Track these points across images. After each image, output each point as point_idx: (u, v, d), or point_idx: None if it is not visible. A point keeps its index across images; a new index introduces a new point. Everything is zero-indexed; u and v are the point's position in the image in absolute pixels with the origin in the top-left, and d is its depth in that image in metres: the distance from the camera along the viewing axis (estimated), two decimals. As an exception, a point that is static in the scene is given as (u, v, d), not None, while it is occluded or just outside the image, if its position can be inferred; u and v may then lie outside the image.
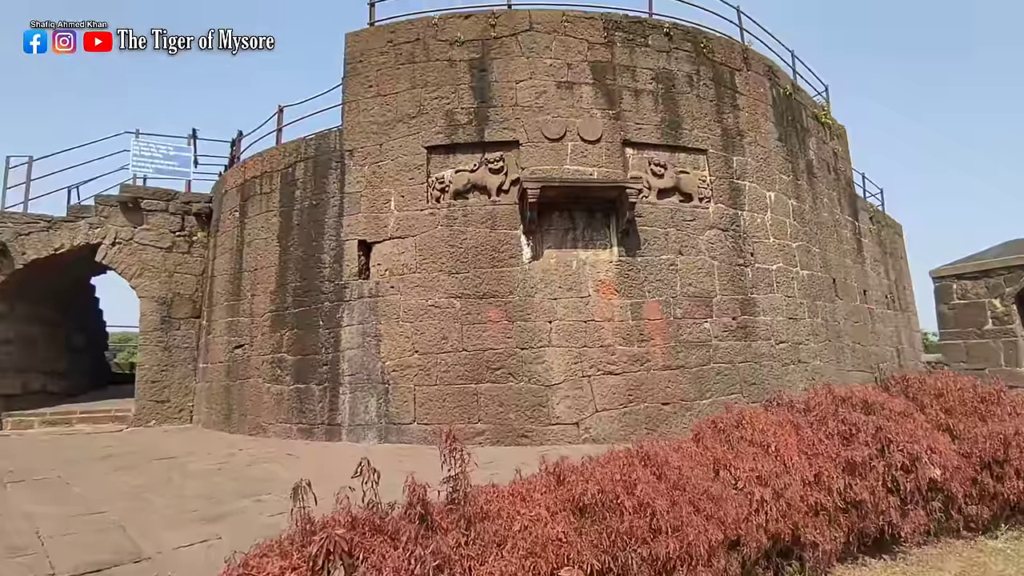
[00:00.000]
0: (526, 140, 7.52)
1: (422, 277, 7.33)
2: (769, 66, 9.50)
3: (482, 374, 7.01)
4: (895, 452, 5.51)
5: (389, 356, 7.23)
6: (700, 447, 4.74)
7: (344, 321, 7.55)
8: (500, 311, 7.13)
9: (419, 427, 6.98)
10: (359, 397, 7.27)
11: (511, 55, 7.79)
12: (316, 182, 8.18)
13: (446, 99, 7.73)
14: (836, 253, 10.16)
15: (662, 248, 7.56)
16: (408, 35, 8.06)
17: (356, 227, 7.71)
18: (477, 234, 7.34)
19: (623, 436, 6.86)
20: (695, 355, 7.38)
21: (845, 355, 9.43)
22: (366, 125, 7.96)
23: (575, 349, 7.07)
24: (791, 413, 5.94)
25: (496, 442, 6.84)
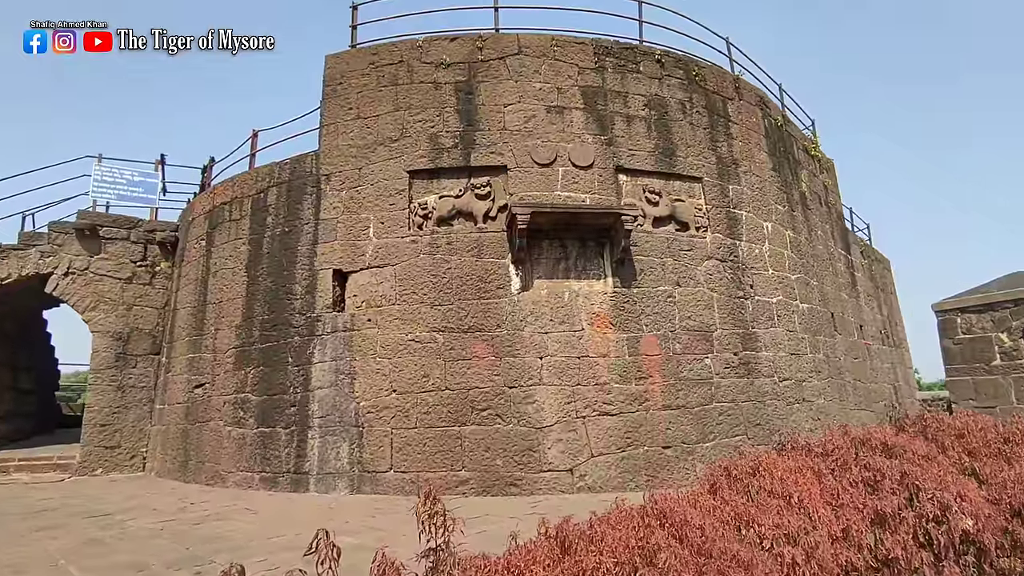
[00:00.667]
0: (515, 165, 7.12)
1: (402, 309, 6.75)
2: (760, 96, 9.35)
3: (467, 415, 6.38)
4: (925, 501, 5.00)
5: (364, 396, 6.57)
6: (718, 500, 4.16)
7: (315, 357, 6.90)
8: (487, 346, 6.57)
9: (396, 475, 6.28)
10: (330, 442, 6.57)
11: (499, 78, 7.47)
12: (289, 208, 7.64)
13: (430, 122, 7.34)
14: (832, 287, 9.85)
15: (659, 279, 7.12)
16: (391, 57, 7.72)
17: (331, 255, 7.15)
18: (462, 263, 6.83)
19: (621, 483, 6.26)
20: (696, 394, 6.85)
21: (848, 393, 8.99)
22: (345, 148, 7.50)
23: (568, 387, 6.50)
24: (809, 458, 5.40)
25: (482, 492, 6.17)
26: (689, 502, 3.90)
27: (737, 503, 4.12)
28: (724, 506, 4.03)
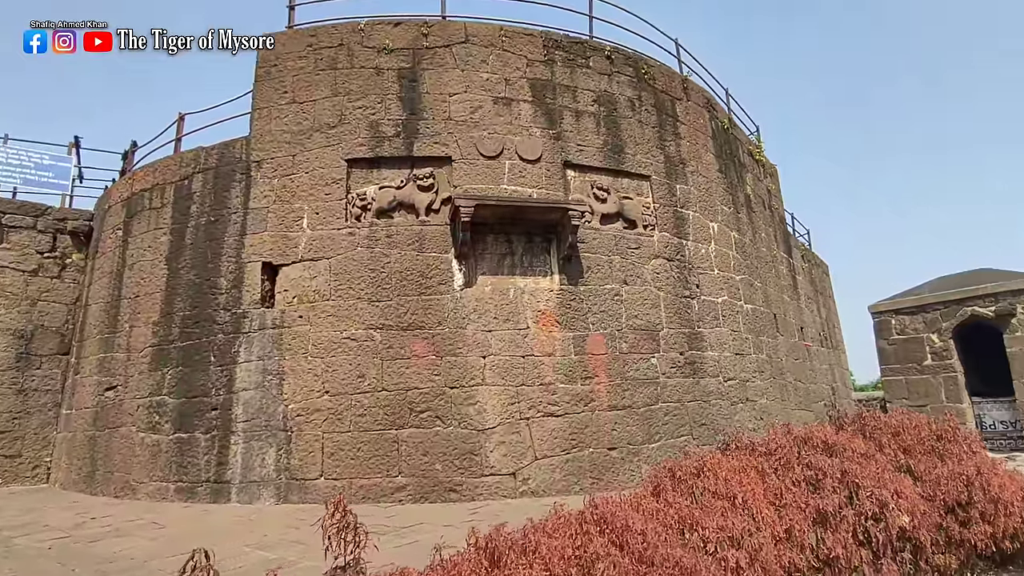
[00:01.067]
0: (459, 156, 6.84)
1: (337, 305, 6.34)
2: (708, 99, 9.41)
3: (405, 418, 6.03)
4: (864, 499, 4.99)
5: (294, 398, 6.12)
6: (661, 502, 3.98)
7: (241, 357, 6.39)
8: (427, 345, 6.24)
9: (327, 483, 5.86)
10: (254, 448, 6.07)
11: (444, 66, 7.17)
12: (216, 196, 7.09)
13: (371, 109, 6.96)
14: (775, 288, 10.01)
15: (606, 277, 6.97)
16: (331, 40, 7.30)
17: (261, 247, 6.66)
18: (402, 257, 6.48)
19: (566, 487, 6.04)
20: (642, 394, 6.73)
21: (789, 392, 9.12)
22: (278, 134, 7.03)
23: (512, 388, 6.25)
24: (753, 457, 5.33)
25: (420, 498, 5.83)
26: (631, 505, 3.70)
27: (681, 505, 3.96)
28: (668, 509, 3.86)
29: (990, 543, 5.34)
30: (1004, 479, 5.49)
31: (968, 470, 5.69)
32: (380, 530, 4.63)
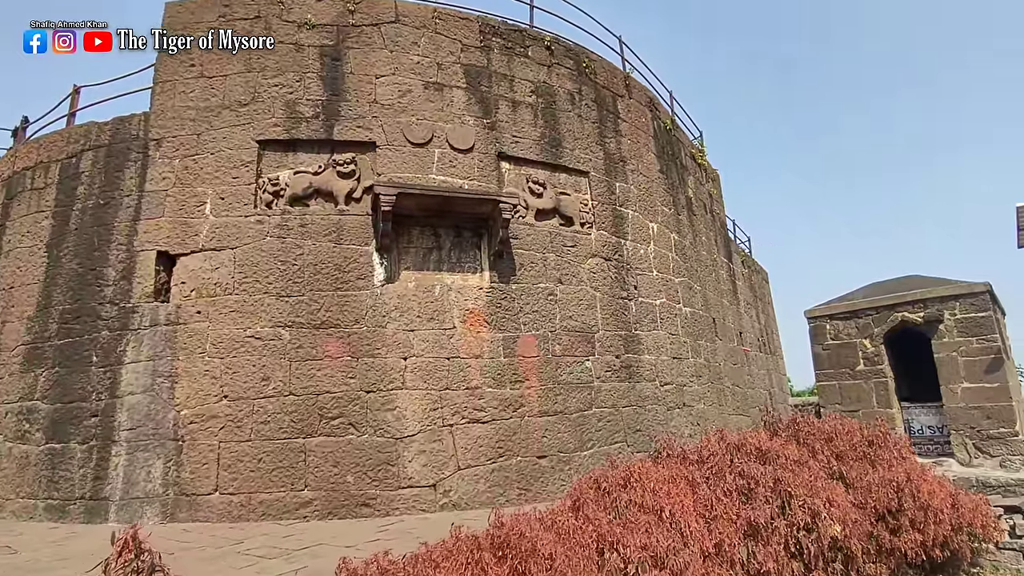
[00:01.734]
0: (384, 142, 6.34)
1: (241, 300, 5.71)
2: (651, 98, 9.25)
3: (314, 425, 5.46)
4: (797, 509, 4.76)
5: (187, 403, 5.45)
6: (580, 518, 3.59)
7: (128, 356, 5.67)
8: (342, 344, 5.69)
9: (222, 499, 5.22)
10: (139, 459, 5.36)
11: (372, 46, 6.67)
12: (107, 176, 6.33)
13: (289, 88, 6.38)
14: (715, 293, 9.92)
15: (540, 275, 6.61)
16: (247, 11, 6.68)
17: (156, 234, 5.95)
18: (318, 249, 5.92)
19: (491, 499, 5.60)
20: (575, 399, 6.38)
21: (726, 398, 9.00)
22: (182, 110, 6.34)
23: (435, 392, 5.78)
24: (684, 466, 5.03)
25: (328, 514, 5.27)
26: (545, 524, 3.30)
27: (602, 521, 3.59)
28: (587, 526, 3.48)
29: (920, 551, 5.23)
30: (933, 485, 5.40)
31: (898, 476, 5.58)
32: (269, 554, 4.07)
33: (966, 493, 5.92)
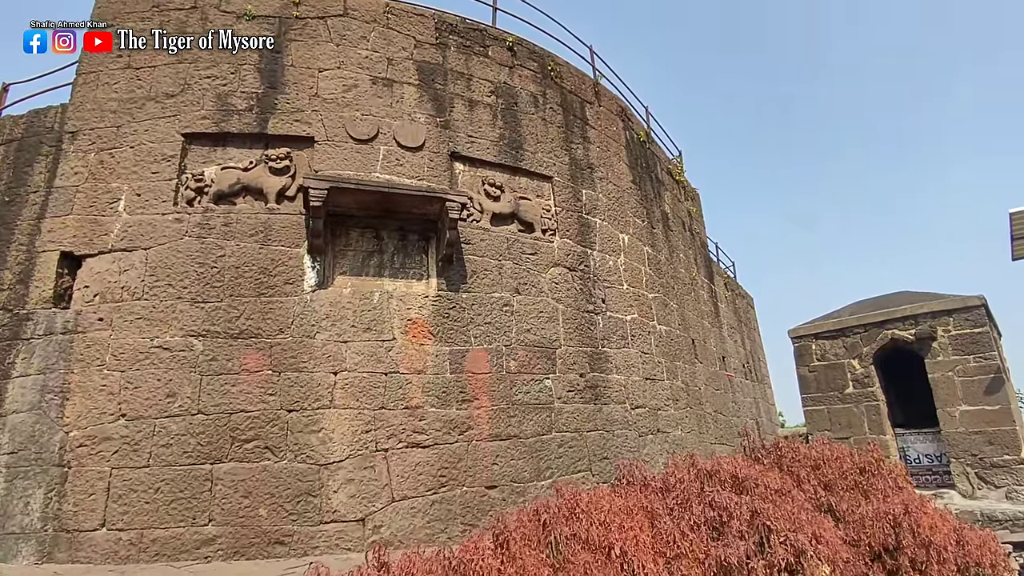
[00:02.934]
0: (324, 138, 5.81)
1: (150, 306, 5.06)
2: (623, 108, 8.85)
3: (224, 449, 4.74)
4: (777, 546, 4.05)
5: (77, 423, 4.73)
6: (501, 559, 2.90)
7: (16, 369, 4.96)
8: (262, 357, 5.02)
9: (109, 535, 4.45)
10: (18, 488, 4.61)
11: (316, 39, 6.21)
12: (16, 172, 5.74)
13: (221, 79, 5.88)
14: (694, 313, 9.33)
15: (495, 284, 6.01)
16: (182, 1, 6.23)
17: (61, 233, 5.33)
18: (241, 250, 5.30)
19: (430, 535, 4.86)
20: (532, 421, 5.69)
21: (708, 425, 8.30)
22: (104, 102, 5.81)
23: (368, 411, 5.09)
24: (645, 495, 4.31)
25: (234, 554, 4.50)
26: (451, 567, 2.61)
27: (530, 563, 2.89)
28: (508, 568, 2.79)
29: (923, 598, 4.53)
30: (935, 519, 4.71)
31: (895, 509, 4.88)
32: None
33: (971, 528, 5.22)
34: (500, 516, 3.41)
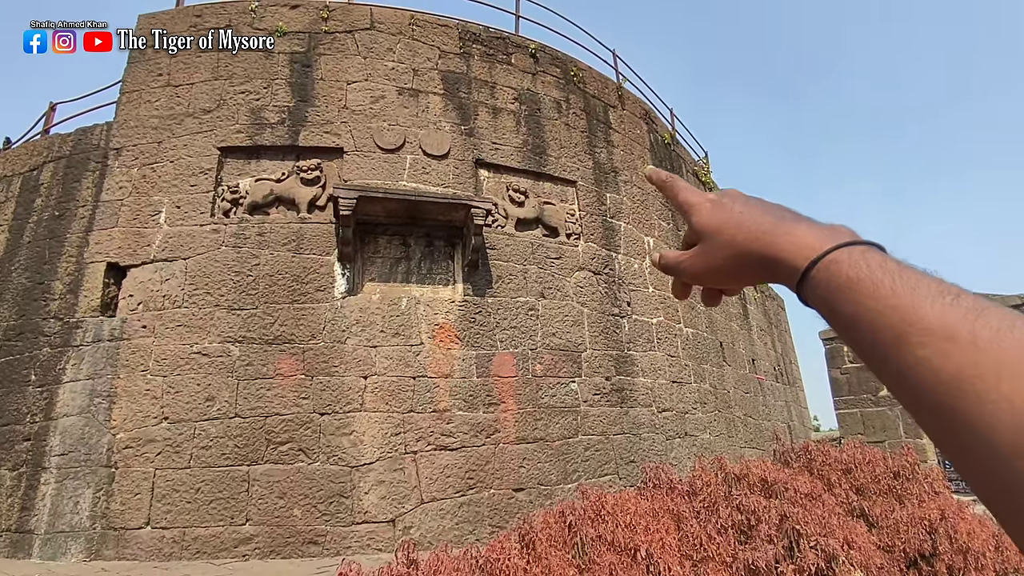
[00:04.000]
0: (353, 148, 5.98)
1: (190, 314, 5.28)
2: (646, 111, 8.84)
3: (260, 451, 4.91)
4: (807, 551, 4.03)
5: (124, 425, 4.96)
6: (528, 559, 2.96)
7: (67, 375, 5.24)
8: (295, 362, 5.19)
9: (153, 533, 4.66)
10: (68, 488, 4.86)
11: (345, 52, 6.40)
12: (65, 187, 6.06)
13: (255, 94, 6.11)
14: (722, 315, 9.24)
15: (520, 288, 6.08)
16: (218, 20, 6.50)
17: (107, 245, 5.61)
18: (275, 259, 5.49)
19: (458, 537, 4.94)
20: (559, 424, 5.74)
21: (737, 428, 8.21)
22: (146, 119, 6.09)
23: (397, 415, 5.21)
24: (671, 498, 4.33)
25: (270, 553, 4.66)
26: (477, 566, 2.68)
27: (555, 563, 2.94)
28: (534, 568, 2.85)
29: (961, 606, 4.42)
30: (973, 525, 4.59)
31: (931, 514, 4.78)
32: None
33: (1013, 535, 5.06)
34: (526, 517, 3.46)
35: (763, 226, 0.47)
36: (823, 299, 0.41)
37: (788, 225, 0.45)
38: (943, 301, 0.34)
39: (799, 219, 0.46)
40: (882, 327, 0.36)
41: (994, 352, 0.30)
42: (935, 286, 0.35)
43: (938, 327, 0.33)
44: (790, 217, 0.47)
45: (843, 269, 0.39)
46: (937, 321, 0.33)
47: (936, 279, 0.37)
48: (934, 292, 0.35)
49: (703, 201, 0.53)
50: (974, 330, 0.32)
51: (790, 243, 0.44)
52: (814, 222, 0.45)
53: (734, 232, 0.48)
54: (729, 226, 0.49)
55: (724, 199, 0.52)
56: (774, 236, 0.45)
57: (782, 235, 0.45)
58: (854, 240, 0.41)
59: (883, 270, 0.37)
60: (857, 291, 0.38)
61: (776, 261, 0.45)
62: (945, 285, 0.36)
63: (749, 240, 0.47)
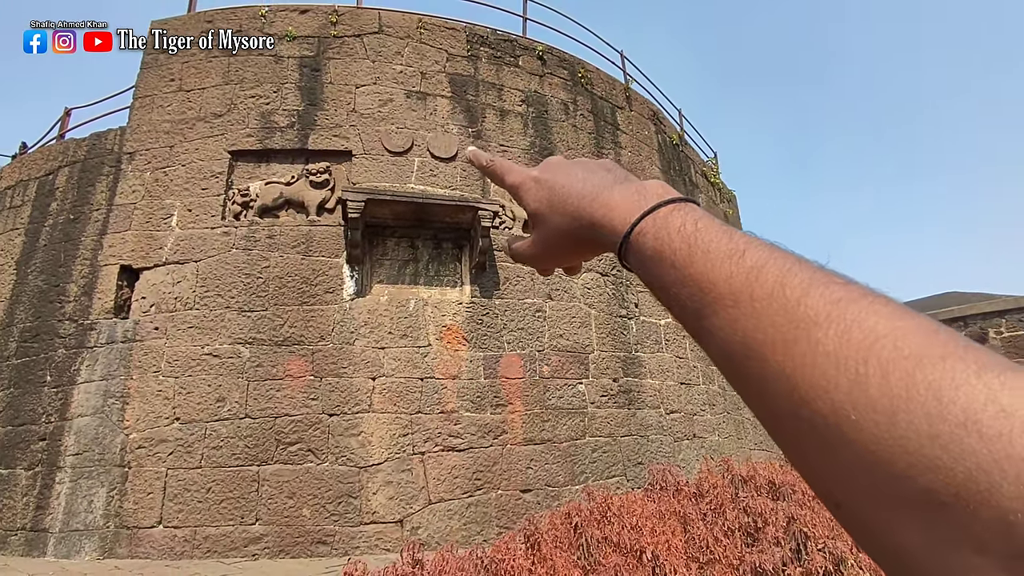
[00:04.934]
0: (361, 151, 6.03)
1: (201, 315, 5.35)
2: (654, 111, 8.83)
3: (270, 451, 4.97)
4: (815, 553, 4.01)
5: (136, 426, 5.04)
6: (533, 560, 2.98)
7: (81, 376, 5.33)
8: (304, 363, 5.24)
9: (165, 532, 4.72)
10: (83, 487, 4.94)
11: (353, 56, 6.46)
12: (80, 191, 6.17)
13: (265, 98, 6.18)
14: (731, 316, 9.19)
15: (527, 290, 6.09)
16: (228, 25, 6.58)
17: (120, 248, 5.70)
18: (285, 261, 5.55)
19: (466, 537, 4.97)
20: (566, 426, 5.75)
21: (746, 430, 8.17)
22: (158, 124, 6.18)
23: (405, 416, 5.24)
24: (678, 500, 4.33)
25: (280, 552, 4.71)
26: (482, 566, 2.70)
27: (560, 564, 2.96)
28: (539, 568, 2.86)
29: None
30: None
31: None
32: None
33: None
34: (531, 518, 3.48)
35: (582, 200, 0.45)
36: (639, 273, 0.40)
37: (603, 196, 0.43)
38: (730, 263, 0.33)
39: (613, 185, 0.44)
40: (685, 298, 0.35)
41: (768, 316, 0.30)
42: (726, 245, 0.34)
43: (726, 293, 0.32)
44: (606, 184, 0.44)
45: (648, 241, 0.38)
46: (724, 286, 0.32)
47: (731, 234, 0.35)
48: (723, 253, 0.34)
49: (526, 180, 0.50)
50: (752, 292, 0.31)
51: (605, 217, 0.42)
52: (627, 184, 0.44)
53: (560, 211, 0.46)
54: (554, 205, 0.47)
55: (545, 174, 0.49)
56: (592, 212, 0.44)
57: (598, 208, 0.43)
58: (659, 202, 0.40)
59: (681, 236, 0.36)
60: (660, 263, 0.37)
61: (599, 236, 0.43)
62: (736, 241, 0.34)
63: (571, 219, 0.45)
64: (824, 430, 0.26)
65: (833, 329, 0.28)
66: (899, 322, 0.27)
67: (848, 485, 0.26)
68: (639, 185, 0.43)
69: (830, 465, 0.27)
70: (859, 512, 0.26)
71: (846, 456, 0.26)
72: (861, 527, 0.27)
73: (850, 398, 0.26)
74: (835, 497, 0.27)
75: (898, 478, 0.24)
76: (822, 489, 0.28)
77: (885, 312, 0.27)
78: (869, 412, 0.25)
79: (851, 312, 0.28)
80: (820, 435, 0.26)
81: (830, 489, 0.27)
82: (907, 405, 0.24)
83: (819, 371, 0.27)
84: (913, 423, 0.23)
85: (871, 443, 0.24)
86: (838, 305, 0.28)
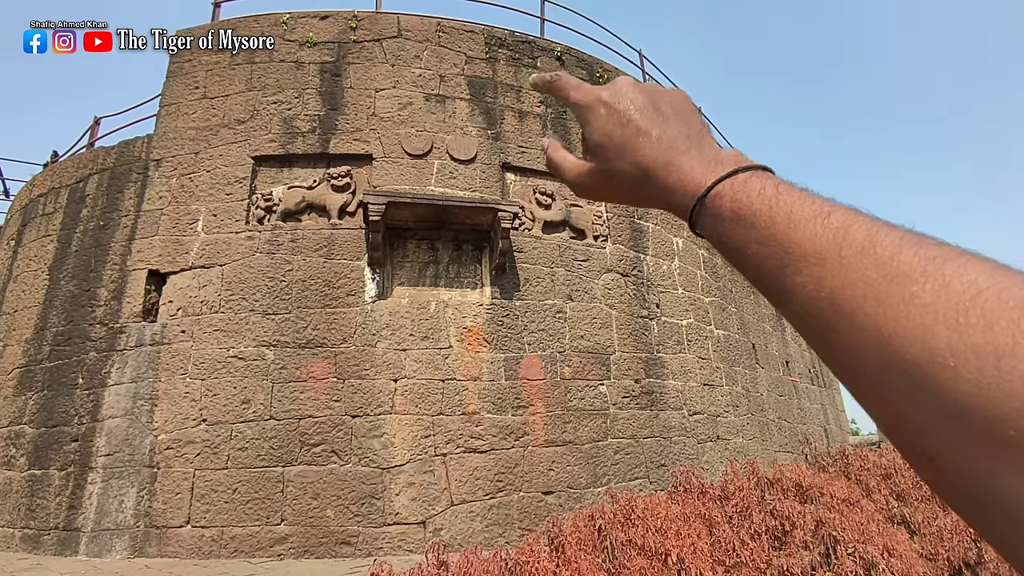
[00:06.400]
0: (381, 154, 6.08)
1: (226, 318, 5.44)
2: (673, 110, 8.74)
3: (294, 452, 5.02)
4: (844, 558, 3.93)
5: (165, 427, 5.14)
6: (558, 563, 2.96)
7: (112, 378, 5.45)
8: (327, 365, 5.29)
9: (193, 532, 4.80)
10: (113, 487, 5.05)
11: (373, 61, 6.51)
12: (109, 198, 6.31)
13: (287, 104, 6.26)
14: (754, 316, 9.07)
15: (548, 291, 6.08)
16: (250, 33, 6.68)
17: (149, 253, 5.82)
18: (307, 264, 5.62)
19: (488, 539, 4.97)
20: (588, 427, 5.72)
21: (771, 432, 8.04)
22: (183, 131, 6.31)
23: (427, 417, 5.26)
24: (703, 502, 4.27)
25: (304, 553, 4.76)
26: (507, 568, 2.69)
27: (584, 567, 2.94)
28: (564, 571, 2.85)
29: (1009, 618, 4.24)
30: (1022, 533, 4.41)
31: (976, 522, 4.62)
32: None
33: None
34: (555, 520, 3.46)
35: (656, 161, 0.44)
36: (712, 235, 0.40)
37: (679, 160, 0.43)
38: (815, 223, 0.33)
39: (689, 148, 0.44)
40: (765, 257, 0.35)
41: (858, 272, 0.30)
42: (809, 207, 0.35)
43: (810, 251, 0.33)
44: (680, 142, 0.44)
45: (725, 203, 0.39)
46: (809, 245, 0.33)
47: (812, 198, 0.36)
48: (808, 215, 0.34)
49: (596, 103, 0.49)
50: (840, 250, 0.31)
51: (679, 182, 0.43)
52: (703, 149, 0.44)
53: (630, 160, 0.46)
54: (624, 149, 0.46)
55: (620, 103, 0.47)
56: (666, 176, 0.44)
57: (672, 172, 0.43)
58: (737, 168, 0.40)
59: (761, 199, 0.37)
60: (738, 224, 0.37)
61: (670, 199, 0.44)
62: (819, 204, 0.35)
63: (641, 173, 0.45)
64: (919, 378, 0.27)
65: (931, 283, 0.28)
66: (1000, 277, 0.27)
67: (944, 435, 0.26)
68: (716, 152, 0.44)
69: (924, 414, 0.27)
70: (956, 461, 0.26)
71: (943, 403, 0.26)
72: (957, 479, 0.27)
73: (949, 346, 0.26)
74: (929, 450, 0.28)
75: (1001, 421, 0.24)
76: (913, 443, 0.28)
77: (984, 268, 0.28)
78: (971, 358, 0.25)
79: (949, 268, 0.28)
80: (915, 384, 0.27)
81: (924, 442, 0.28)
82: (1013, 351, 0.24)
83: (915, 321, 0.27)
84: (1018, 367, 0.24)
85: (972, 388, 0.25)
86: (934, 261, 0.29)
